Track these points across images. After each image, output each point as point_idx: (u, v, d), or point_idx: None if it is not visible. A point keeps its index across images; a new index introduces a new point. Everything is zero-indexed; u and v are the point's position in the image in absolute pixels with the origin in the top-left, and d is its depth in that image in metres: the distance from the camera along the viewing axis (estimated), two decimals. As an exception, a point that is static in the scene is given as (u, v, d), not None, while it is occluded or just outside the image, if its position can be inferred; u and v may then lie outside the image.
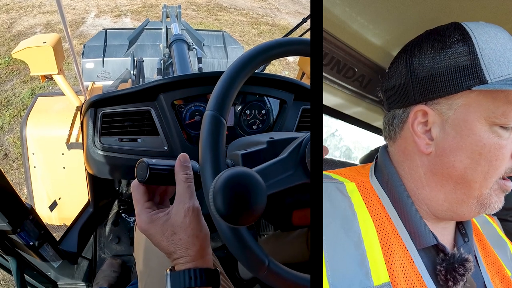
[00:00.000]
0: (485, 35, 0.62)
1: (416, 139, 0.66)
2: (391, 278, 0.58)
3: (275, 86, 1.38)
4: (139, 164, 0.72)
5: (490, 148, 0.60)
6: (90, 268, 1.89)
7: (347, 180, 0.70)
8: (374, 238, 0.61)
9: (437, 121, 0.64)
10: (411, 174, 0.68)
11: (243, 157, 0.81)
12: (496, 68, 0.60)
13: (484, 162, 0.60)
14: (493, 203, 0.63)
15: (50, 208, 2.27)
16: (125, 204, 2.11)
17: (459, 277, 0.62)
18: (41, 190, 2.32)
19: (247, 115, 1.40)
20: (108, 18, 6.69)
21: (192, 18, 6.99)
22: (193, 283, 0.68)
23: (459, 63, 0.61)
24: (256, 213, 0.58)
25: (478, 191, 0.62)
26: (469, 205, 0.64)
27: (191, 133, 1.34)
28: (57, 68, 1.78)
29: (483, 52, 0.61)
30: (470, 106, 0.61)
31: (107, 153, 1.29)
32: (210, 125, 0.72)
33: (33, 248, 1.39)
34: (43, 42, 1.72)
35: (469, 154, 0.61)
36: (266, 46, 0.82)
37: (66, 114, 2.19)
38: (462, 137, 0.61)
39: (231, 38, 3.98)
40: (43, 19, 6.34)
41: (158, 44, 3.51)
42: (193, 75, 1.30)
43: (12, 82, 4.54)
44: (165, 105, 1.28)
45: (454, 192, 0.64)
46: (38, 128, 2.24)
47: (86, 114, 1.31)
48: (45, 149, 2.25)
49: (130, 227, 2.02)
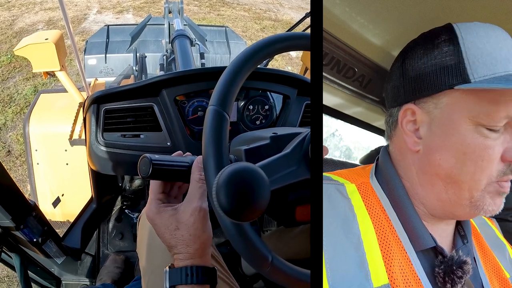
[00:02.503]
0: (473, 35, 0.62)
1: (405, 137, 0.67)
2: (390, 280, 0.58)
3: (278, 81, 1.37)
4: (142, 159, 0.73)
5: (475, 148, 0.60)
6: (94, 264, 1.89)
7: (347, 182, 0.71)
8: (373, 240, 0.61)
9: (424, 120, 0.65)
10: (406, 173, 0.69)
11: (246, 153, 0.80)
12: (481, 67, 0.60)
13: (470, 163, 0.60)
14: (487, 205, 0.62)
15: (53, 204, 2.28)
16: (128, 200, 2.12)
17: (457, 280, 0.62)
18: (44, 187, 2.32)
19: (250, 110, 1.40)
20: (110, 14, 6.67)
21: (194, 13, 6.97)
22: (189, 280, 0.70)
23: (444, 63, 0.62)
24: (259, 209, 0.58)
25: (468, 193, 0.62)
26: (462, 206, 0.63)
27: (194, 129, 1.34)
28: (60, 65, 1.76)
29: (469, 51, 0.61)
30: (455, 105, 0.61)
31: (110, 149, 1.29)
32: (213, 120, 0.71)
33: (37, 244, 1.40)
34: (45, 38, 1.70)
35: (454, 154, 0.61)
36: (269, 40, 0.81)
37: (69, 110, 2.19)
38: (447, 136, 0.62)
39: (233, 34, 3.98)
40: (45, 16, 6.32)
41: (160, 40, 3.52)
42: (196, 71, 1.29)
43: (14, 79, 4.53)
44: (168, 100, 1.28)
45: (445, 192, 0.64)
46: (41, 125, 2.25)
47: (89, 110, 1.31)
48: (48, 146, 2.26)
49: (133, 223, 2.03)
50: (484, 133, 0.59)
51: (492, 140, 0.59)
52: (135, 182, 2.17)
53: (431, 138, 0.64)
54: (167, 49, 2.39)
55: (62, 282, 1.81)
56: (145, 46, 3.51)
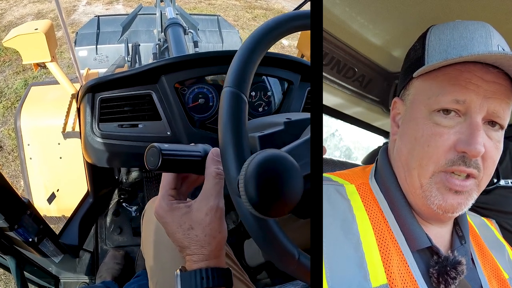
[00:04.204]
0: (441, 28, 0.66)
1: (392, 127, 0.72)
2: (389, 280, 0.59)
3: (282, 66, 1.31)
4: (149, 149, 0.67)
5: (423, 133, 0.62)
6: (92, 260, 1.85)
7: (347, 182, 0.71)
8: (372, 241, 0.62)
9: (401, 110, 0.70)
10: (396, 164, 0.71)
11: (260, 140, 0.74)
12: (436, 55, 0.64)
13: (419, 147, 0.63)
14: (434, 197, 0.62)
15: (48, 201, 2.25)
16: (125, 193, 2.08)
17: (451, 280, 0.63)
18: (38, 182, 2.30)
19: (252, 97, 1.34)
20: (100, 5, 6.57)
21: (185, 3, 6.89)
22: (205, 284, 0.66)
23: (413, 58, 0.68)
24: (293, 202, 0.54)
25: (418, 180, 0.63)
26: (417, 197, 0.65)
27: (195, 117, 1.28)
28: (50, 56, 1.69)
29: (430, 43, 0.66)
30: (416, 95, 0.66)
31: (107, 141, 1.24)
32: (231, 103, 0.65)
33: (33, 244, 1.35)
34: (34, 28, 1.64)
35: (408, 139, 0.65)
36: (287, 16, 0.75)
37: (61, 102, 2.14)
38: (407, 123, 0.67)
39: (225, 22, 4.00)
40: (34, 8, 6.21)
41: (152, 29, 3.51)
42: (198, 55, 1.23)
43: (4, 73, 4.47)
44: (167, 87, 1.22)
45: (405, 181, 0.66)
46: (33, 119, 2.22)
47: (83, 100, 1.25)
48: (41, 140, 2.23)
49: (132, 217, 1.99)
50: (435, 120, 0.62)
51: (443, 127, 0.61)
52: (132, 175, 2.13)
53: (401, 126, 0.69)
54: (159, 38, 2.36)
55: (61, 281, 1.77)
56: (136, 36, 3.50)
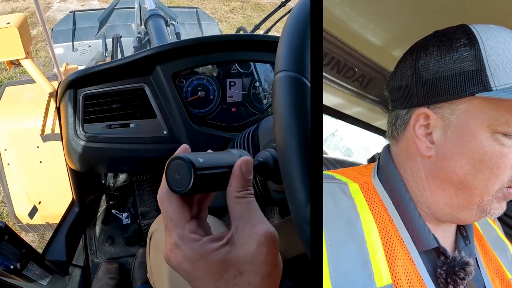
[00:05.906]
0: (493, 40, 0.62)
1: (417, 142, 0.66)
2: (394, 280, 0.58)
3: None
4: (173, 162, 0.47)
5: (492, 156, 0.60)
6: (84, 276, 1.72)
7: (350, 181, 0.71)
8: (377, 240, 0.62)
9: (438, 125, 0.64)
10: (413, 176, 0.68)
11: None
12: (502, 75, 0.60)
13: (485, 170, 0.61)
14: (494, 209, 0.63)
15: (29, 215, 2.14)
16: (114, 199, 1.97)
17: (460, 281, 0.63)
18: (18, 189, 2.18)
19: (256, 88, 1.22)
20: (74, 2, 6.40)
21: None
22: None
23: (464, 68, 0.61)
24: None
25: (479, 198, 0.62)
26: (470, 211, 0.64)
27: (192, 112, 1.15)
28: (25, 52, 1.57)
29: (490, 58, 0.60)
30: (473, 113, 0.61)
31: (93, 144, 1.11)
32: (291, 91, 0.51)
33: (15, 271, 1.22)
34: (6, 23, 1.52)
35: (469, 161, 0.61)
36: None
37: (39, 102, 2.03)
38: (463, 143, 0.62)
39: (205, 14, 4.05)
40: (7, 6, 6.02)
41: (130, 23, 3.49)
42: (201, 39, 1.11)
43: (-24, 75, 4.30)
44: (163, 79, 1.09)
45: (455, 197, 0.64)
46: (8, 121, 2.08)
47: (63, 97, 1.11)
48: (18, 144, 2.10)
49: (123, 225, 1.88)
50: (501, 141, 0.60)
51: (507, 147, 0.60)
52: (119, 178, 2.01)
53: (445, 144, 0.64)
54: (139, 31, 2.29)
55: None
56: (114, 31, 3.41)
